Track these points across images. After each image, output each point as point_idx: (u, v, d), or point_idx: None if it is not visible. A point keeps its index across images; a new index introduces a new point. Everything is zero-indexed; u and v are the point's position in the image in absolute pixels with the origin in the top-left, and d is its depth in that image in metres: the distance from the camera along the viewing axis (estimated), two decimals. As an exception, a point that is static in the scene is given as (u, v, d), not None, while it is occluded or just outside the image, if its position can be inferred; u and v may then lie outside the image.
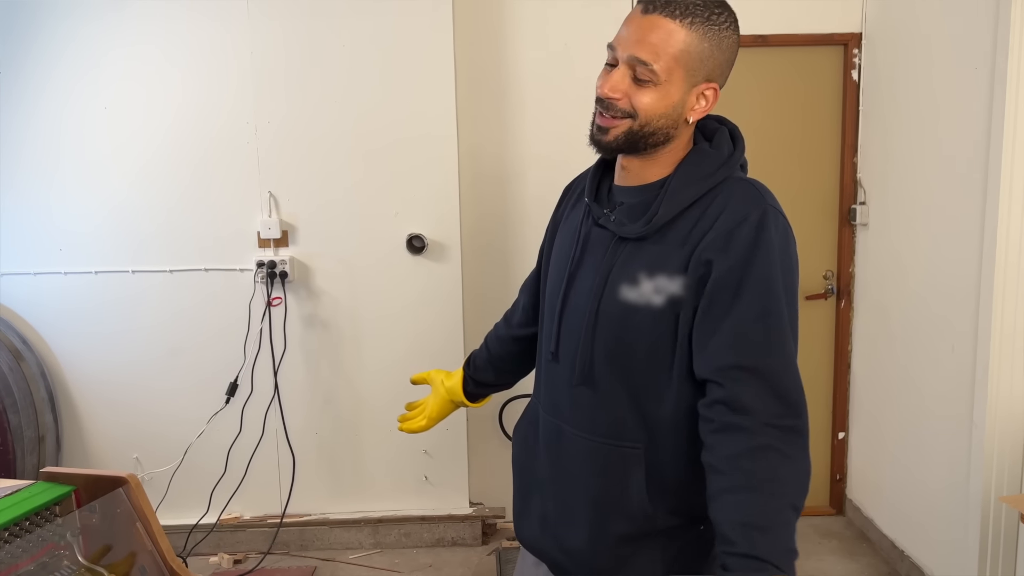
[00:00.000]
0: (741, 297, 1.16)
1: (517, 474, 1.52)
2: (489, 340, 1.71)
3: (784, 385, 1.15)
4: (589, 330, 1.27)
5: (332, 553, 3.42)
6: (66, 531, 1.21)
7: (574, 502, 1.34)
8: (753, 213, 1.18)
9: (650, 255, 1.23)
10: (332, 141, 3.26)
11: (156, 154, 3.25)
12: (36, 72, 3.20)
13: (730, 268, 1.16)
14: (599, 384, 1.28)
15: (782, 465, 1.12)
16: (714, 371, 1.17)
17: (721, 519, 1.11)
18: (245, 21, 3.18)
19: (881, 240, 3.30)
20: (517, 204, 3.47)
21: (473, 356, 1.73)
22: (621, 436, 1.27)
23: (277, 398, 3.35)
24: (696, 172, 1.24)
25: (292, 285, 3.33)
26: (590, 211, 1.34)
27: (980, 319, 2.57)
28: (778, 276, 1.17)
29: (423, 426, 1.74)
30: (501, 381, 1.72)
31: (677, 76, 1.18)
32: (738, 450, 1.12)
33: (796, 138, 3.50)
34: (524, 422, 1.52)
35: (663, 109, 1.19)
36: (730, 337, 1.16)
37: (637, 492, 1.26)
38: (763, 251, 1.16)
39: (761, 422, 1.12)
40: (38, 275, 3.31)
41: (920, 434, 2.98)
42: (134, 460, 3.42)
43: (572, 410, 1.33)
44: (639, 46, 1.16)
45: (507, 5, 3.36)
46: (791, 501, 1.11)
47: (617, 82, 1.19)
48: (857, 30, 3.39)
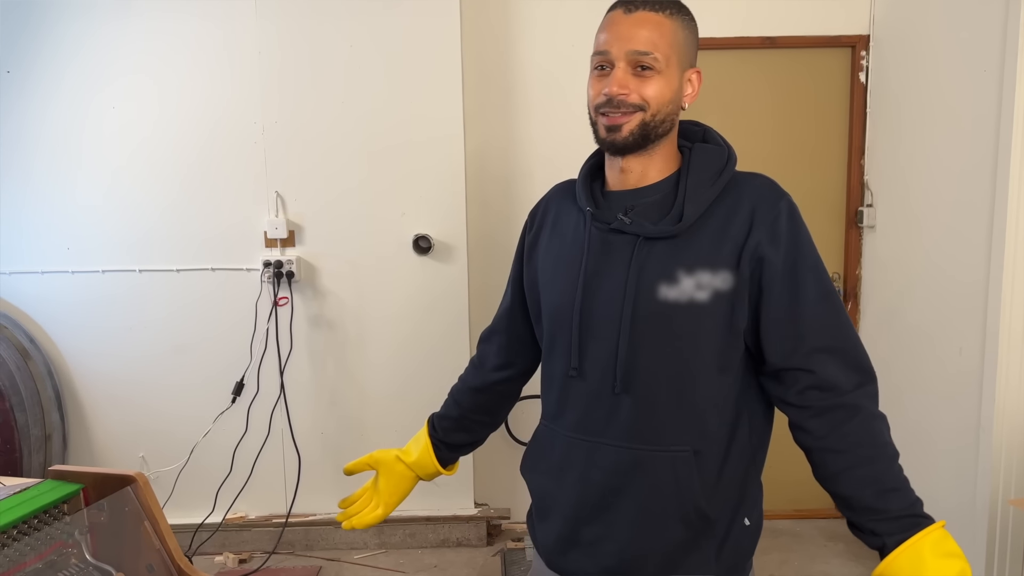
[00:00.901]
0: (802, 284, 1.23)
1: (539, 503, 1.44)
2: (459, 397, 1.60)
3: (859, 354, 1.25)
4: (627, 335, 1.25)
5: (337, 553, 3.43)
6: (74, 529, 1.22)
7: (617, 518, 1.30)
8: (783, 205, 1.25)
9: (686, 251, 1.23)
10: (339, 141, 3.27)
11: (164, 153, 3.26)
12: (45, 72, 3.21)
13: (784, 260, 1.22)
14: (641, 390, 1.26)
15: (882, 426, 1.23)
16: (796, 359, 1.23)
17: (856, 494, 1.20)
18: (253, 21, 3.19)
19: (888, 242, 3.29)
20: (524, 205, 3.46)
21: (436, 422, 1.61)
22: (668, 440, 1.26)
23: (283, 398, 3.36)
24: (709, 170, 1.28)
25: (298, 285, 3.33)
26: (591, 219, 1.32)
27: (988, 322, 2.56)
28: (819, 257, 1.26)
29: (380, 515, 1.58)
30: (475, 439, 1.62)
31: (673, 63, 1.24)
32: (846, 428, 1.21)
33: (804, 140, 3.49)
34: (535, 450, 1.44)
35: (669, 95, 1.25)
36: (803, 324, 1.23)
37: (690, 495, 1.25)
38: (803, 238, 1.25)
39: (854, 395, 1.22)
40: (46, 274, 3.32)
41: (927, 436, 2.97)
42: (140, 459, 3.43)
43: (609, 422, 1.28)
44: (635, 40, 1.22)
45: (514, 6, 3.36)
46: (896, 453, 1.23)
47: (622, 78, 1.23)
48: (865, 32, 3.38)
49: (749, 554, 1.33)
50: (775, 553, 3.35)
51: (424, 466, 1.58)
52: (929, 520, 1.16)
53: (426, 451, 1.58)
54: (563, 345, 1.34)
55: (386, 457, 1.59)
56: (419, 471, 1.59)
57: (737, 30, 3.37)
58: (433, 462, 1.58)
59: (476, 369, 1.60)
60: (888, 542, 1.16)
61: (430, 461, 1.58)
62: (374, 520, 1.58)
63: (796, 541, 3.46)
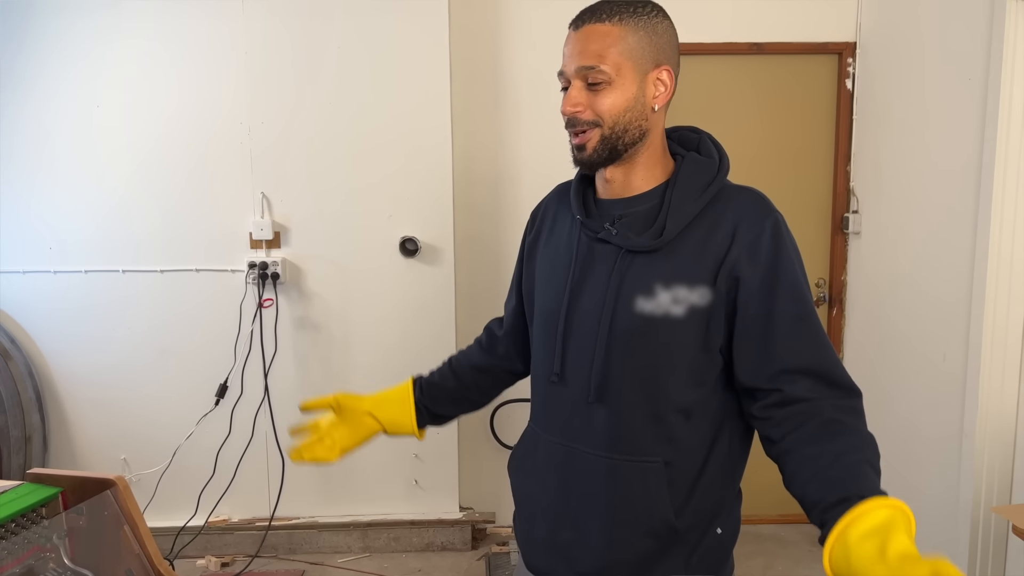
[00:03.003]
0: (776, 305, 1.20)
1: (521, 504, 1.46)
2: (459, 371, 1.59)
3: (836, 374, 1.20)
4: (603, 346, 1.26)
5: (321, 557, 3.41)
6: (52, 533, 1.20)
7: (591, 524, 1.31)
8: (768, 223, 1.22)
9: (664, 266, 1.23)
10: (326, 142, 3.25)
11: (149, 153, 3.24)
12: (29, 69, 3.18)
13: (760, 280, 1.20)
14: (615, 400, 1.26)
15: (852, 434, 1.15)
16: (764, 379, 1.21)
17: (803, 492, 1.13)
18: (240, 21, 3.17)
19: (873, 249, 3.31)
20: (511, 207, 3.46)
21: (424, 388, 1.57)
22: (641, 451, 1.26)
23: (267, 400, 3.34)
24: (695, 183, 1.27)
25: (284, 287, 3.31)
26: (583, 227, 1.33)
27: (971, 328, 2.58)
28: (801, 278, 1.23)
29: (334, 458, 1.51)
30: (460, 412, 1.61)
31: (626, 69, 1.23)
32: (801, 430, 1.16)
33: (790, 146, 3.51)
34: (521, 450, 1.46)
35: (624, 104, 1.23)
36: (773, 345, 1.20)
37: (661, 506, 1.25)
38: (784, 258, 1.22)
39: (824, 404, 1.17)
40: (27, 274, 3.29)
41: (911, 442, 2.99)
42: (122, 461, 3.40)
43: (585, 430, 1.30)
44: (582, 56, 1.24)
45: (502, 8, 3.36)
46: (866, 457, 1.13)
47: (574, 97, 1.25)
48: (852, 39, 3.40)
49: (723, 560, 1.33)
50: (760, 558, 3.36)
51: (399, 425, 1.53)
52: (859, 498, 1.03)
53: (406, 412, 1.54)
54: (547, 350, 1.35)
55: (354, 406, 1.53)
56: (390, 428, 1.54)
57: (724, 36, 3.38)
58: (412, 424, 1.53)
59: (484, 352, 1.59)
60: (824, 533, 1.04)
61: (408, 423, 1.53)
62: (328, 459, 1.52)
63: (781, 546, 3.47)
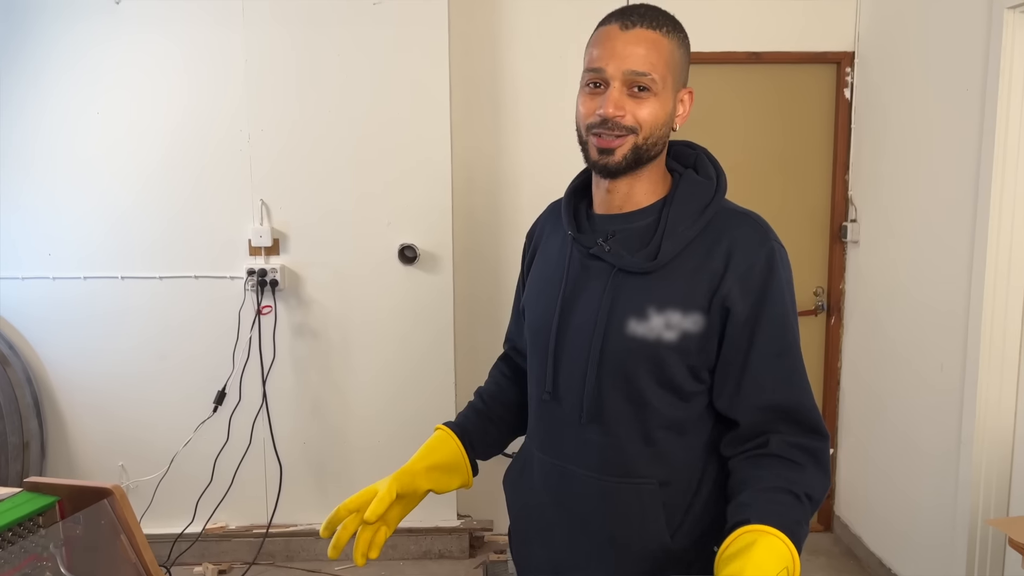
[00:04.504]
0: (757, 337, 1.19)
1: (516, 521, 1.44)
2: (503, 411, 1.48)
3: (802, 413, 1.19)
4: (595, 367, 1.24)
5: (318, 564, 3.40)
6: (49, 542, 1.20)
7: (585, 545, 1.29)
8: (762, 253, 1.20)
9: (658, 289, 1.21)
10: (325, 150, 3.26)
11: (148, 160, 3.24)
12: (29, 75, 3.18)
13: (748, 312, 1.19)
14: (609, 422, 1.24)
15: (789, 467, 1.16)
16: (738, 411, 1.21)
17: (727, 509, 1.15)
18: (240, 29, 3.18)
19: (871, 258, 3.31)
20: (510, 215, 3.47)
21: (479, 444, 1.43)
22: (635, 473, 1.24)
23: (265, 407, 3.33)
24: (692, 205, 1.24)
25: (282, 293, 3.31)
26: (575, 242, 1.30)
27: (969, 338, 2.58)
28: (789, 311, 1.21)
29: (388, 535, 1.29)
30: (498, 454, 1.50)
31: (668, 84, 1.20)
32: (751, 456, 1.19)
33: (788, 155, 3.52)
34: (517, 465, 1.44)
35: (663, 118, 1.21)
36: (747, 377, 1.20)
37: (656, 528, 1.24)
38: (775, 291, 1.20)
39: (777, 438, 1.18)
40: (26, 279, 3.29)
41: (908, 452, 2.99)
42: (119, 468, 3.40)
43: (579, 450, 1.27)
44: (632, 60, 1.17)
45: (503, 16, 3.37)
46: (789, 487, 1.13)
47: (617, 98, 1.18)
48: (850, 49, 3.42)
49: None
50: (757, 567, 3.35)
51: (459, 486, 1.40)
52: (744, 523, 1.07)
53: (465, 473, 1.39)
54: (538, 368, 1.33)
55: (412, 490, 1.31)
56: (459, 484, 1.39)
57: (723, 45, 3.39)
58: (469, 480, 1.40)
59: (514, 384, 1.51)
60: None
61: (467, 480, 1.39)
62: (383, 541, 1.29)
63: (778, 555, 3.46)
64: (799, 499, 1.13)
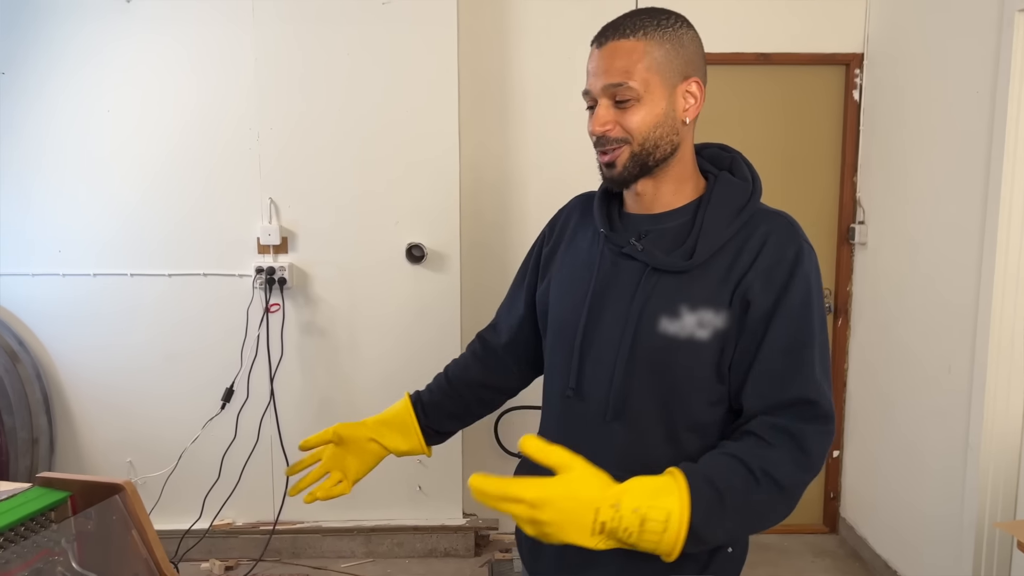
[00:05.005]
0: (772, 331, 1.19)
1: None
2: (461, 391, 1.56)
3: (801, 407, 1.18)
4: (623, 363, 1.24)
5: (324, 561, 3.41)
6: (61, 537, 1.21)
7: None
8: (790, 251, 1.22)
9: (692, 288, 1.22)
10: (334, 149, 3.27)
11: (158, 158, 3.26)
12: (40, 74, 3.20)
13: (767, 306, 1.20)
14: (634, 420, 1.25)
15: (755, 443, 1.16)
16: (743, 399, 1.21)
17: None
18: (250, 28, 3.19)
19: (879, 260, 3.31)
20: (517, 214, 3.47)
21: (427, 408, 1.55)
22: (656, 470, 1.21)
23: (273, 405, 3.35)
24: (729, 206, 1.26)
25: (290, 292, 3.32)
26: (607, 240, 1.31)
27: (977, 341, 2.58)
28: (812, 309, 1.21)
29: (346, 490, 1.49)
30: (462, 427, 1.60)
31: (655, 85, 1.21)
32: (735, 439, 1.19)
33: (797, 156, 3.51)
34: (530, 464, 1.39)
35: (654, 120, 1.22)
36: (755, 369, 1.20)
37: None
38: (796, 288, 1.20)
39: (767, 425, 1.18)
40: (36, 276, 3.31)
41: (915, 455, 2.98)
42: (128, 464, 3.41)
43: (598, 448, 1.25)
44: (608, 74, 1.21)
45: (511, 16, 3.37)
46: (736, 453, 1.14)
47: (602, 115, 1.22)
48: (859, 50, 3.41)
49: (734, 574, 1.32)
50: (763, 568, 3.35)
51: (406, 449, 1.53)
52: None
53: (413, 436, 1.52)
54: (563, 363, 1.33)
55: (355, 434, 1.51)
56: (397, 452, 1.53)
57: (732, 46, 3.39)
58: (421, 446, 1.53)
59: (481, 364, 1.57)
60: None
61: (416, 445, 1.52)
62: (343, 493, 1.49)
63: (784, 556, 3.46)
64: (751, 472, 1.12)
